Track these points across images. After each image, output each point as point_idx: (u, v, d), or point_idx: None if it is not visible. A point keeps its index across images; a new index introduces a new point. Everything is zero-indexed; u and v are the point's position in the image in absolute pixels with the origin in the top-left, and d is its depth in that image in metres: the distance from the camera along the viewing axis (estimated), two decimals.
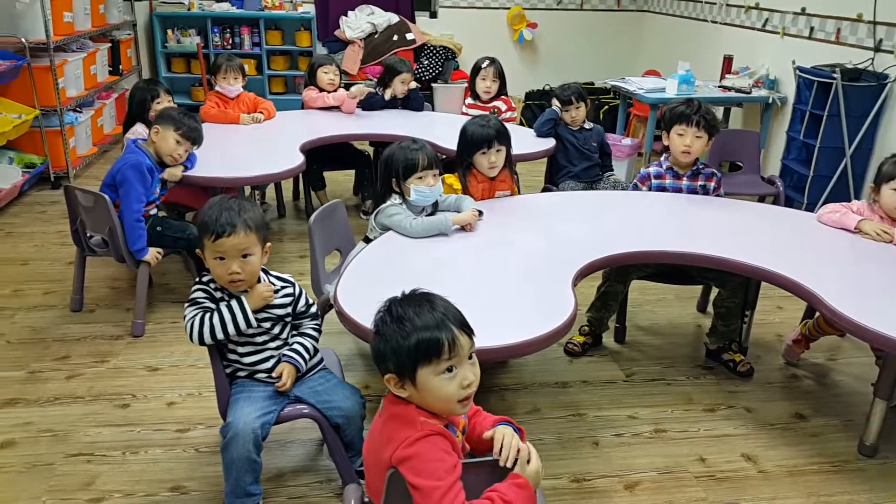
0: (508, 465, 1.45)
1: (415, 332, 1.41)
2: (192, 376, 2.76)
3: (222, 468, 1.92)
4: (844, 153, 4.25)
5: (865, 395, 2.75)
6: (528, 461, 1.47)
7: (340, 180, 4.92)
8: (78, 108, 5.10)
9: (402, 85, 4.41)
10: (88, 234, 3.09)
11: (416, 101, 4.45)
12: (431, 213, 2.64)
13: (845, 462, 2.40)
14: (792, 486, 2.28)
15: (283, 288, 2.05)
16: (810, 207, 4.40)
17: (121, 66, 5.83)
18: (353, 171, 4.74)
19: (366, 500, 1.63)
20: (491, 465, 1.48)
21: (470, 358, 1.47)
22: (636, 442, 2.48)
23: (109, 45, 5.66)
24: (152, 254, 3.01)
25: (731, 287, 2.82)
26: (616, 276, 2.90)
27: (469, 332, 1.47)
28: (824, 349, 3.09)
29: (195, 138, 3.16)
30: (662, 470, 2.34)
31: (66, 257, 3.77)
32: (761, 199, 4.37)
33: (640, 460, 2.38)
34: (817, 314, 2.81)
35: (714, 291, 3.18)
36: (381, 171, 2.66)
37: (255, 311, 1.96)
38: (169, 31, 6.42)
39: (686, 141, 2.95)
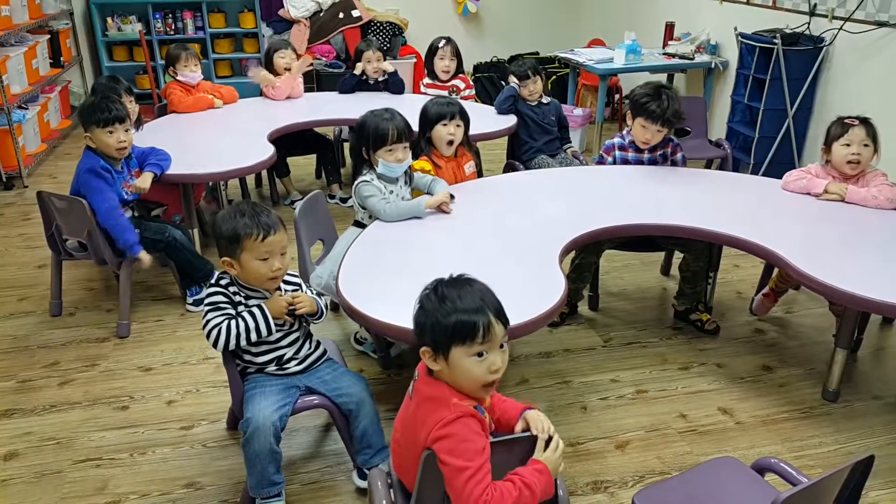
0: (552, 433, 1.59)
1: (454, 312, 1.50)
2: (187, 373, 2.79)
3: (245, 462, 1.99)
4: (787, 114, 4.47)
5: (823, 343, 2.98)
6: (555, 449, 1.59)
7: (302, 164, 4.93)
8: (24, 105, 4.94)
9: (369, 64, 4.42)
10: (65, 238, 3.06)
11: (396, 84, 4.47)
12: (408, 188, 2.76)
13: (811, 408, 2.61)
14: (767, 435, 2.47)
15: (294, 288, 2.13)
16: (757, 167, 4.63)
17: (62, 58, 5.64)
18: (314, 156, 4.77)
19: (390, 479, 1.73)
20: (512, 444, 1.60)
21: (501, 346, 1.55)
22: (621, 404, 2.64)
23: (48, 36, 5.47)
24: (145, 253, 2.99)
25: (696, 252, 3.00)
26: (589, 247, 3.03)
27: (504, 320, 1.55)
28: (782, 303, 3.30)
29: (122, 117, 2.96)
30: (648, 428, 2.50)
31: (34, 261, 3.71)
32: (710, 162, 4.57)
33: (627, 421, 2.54)
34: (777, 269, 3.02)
35: (677, 256, 3.37)
36: (355, 137, 2.74)
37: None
38: (108, 19, 6.22)
39: (647, 135, 3.09)
